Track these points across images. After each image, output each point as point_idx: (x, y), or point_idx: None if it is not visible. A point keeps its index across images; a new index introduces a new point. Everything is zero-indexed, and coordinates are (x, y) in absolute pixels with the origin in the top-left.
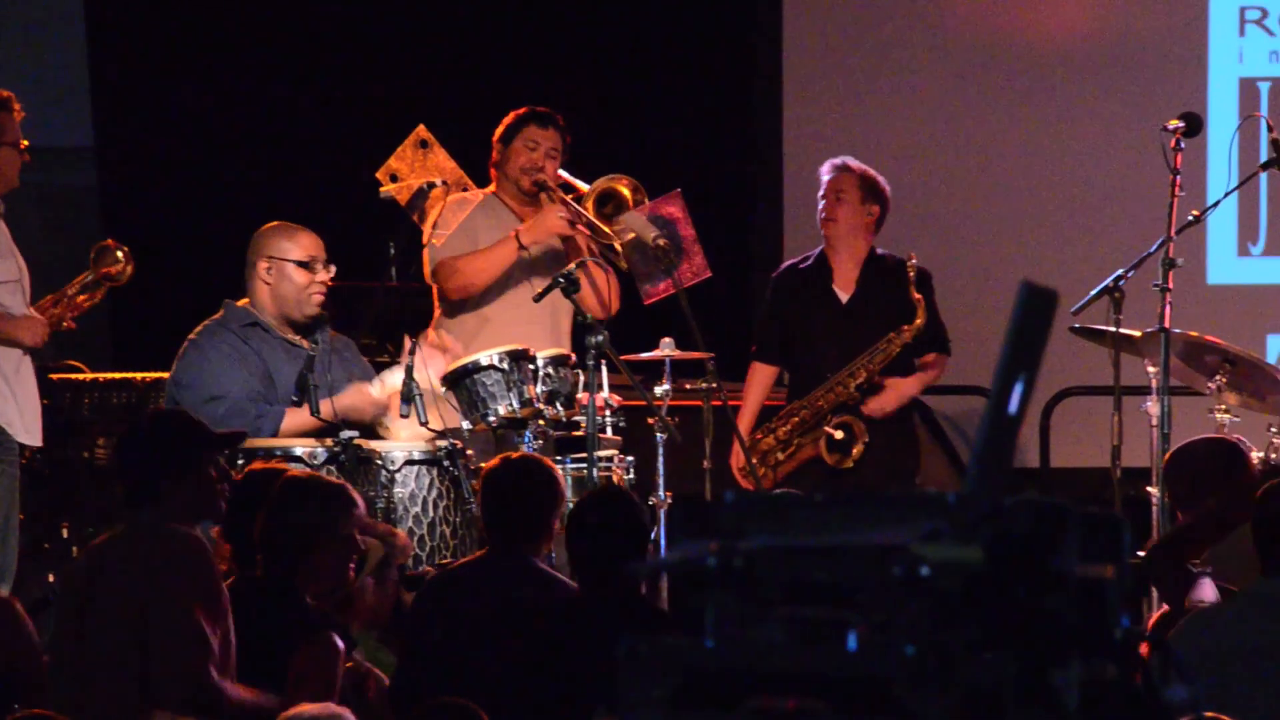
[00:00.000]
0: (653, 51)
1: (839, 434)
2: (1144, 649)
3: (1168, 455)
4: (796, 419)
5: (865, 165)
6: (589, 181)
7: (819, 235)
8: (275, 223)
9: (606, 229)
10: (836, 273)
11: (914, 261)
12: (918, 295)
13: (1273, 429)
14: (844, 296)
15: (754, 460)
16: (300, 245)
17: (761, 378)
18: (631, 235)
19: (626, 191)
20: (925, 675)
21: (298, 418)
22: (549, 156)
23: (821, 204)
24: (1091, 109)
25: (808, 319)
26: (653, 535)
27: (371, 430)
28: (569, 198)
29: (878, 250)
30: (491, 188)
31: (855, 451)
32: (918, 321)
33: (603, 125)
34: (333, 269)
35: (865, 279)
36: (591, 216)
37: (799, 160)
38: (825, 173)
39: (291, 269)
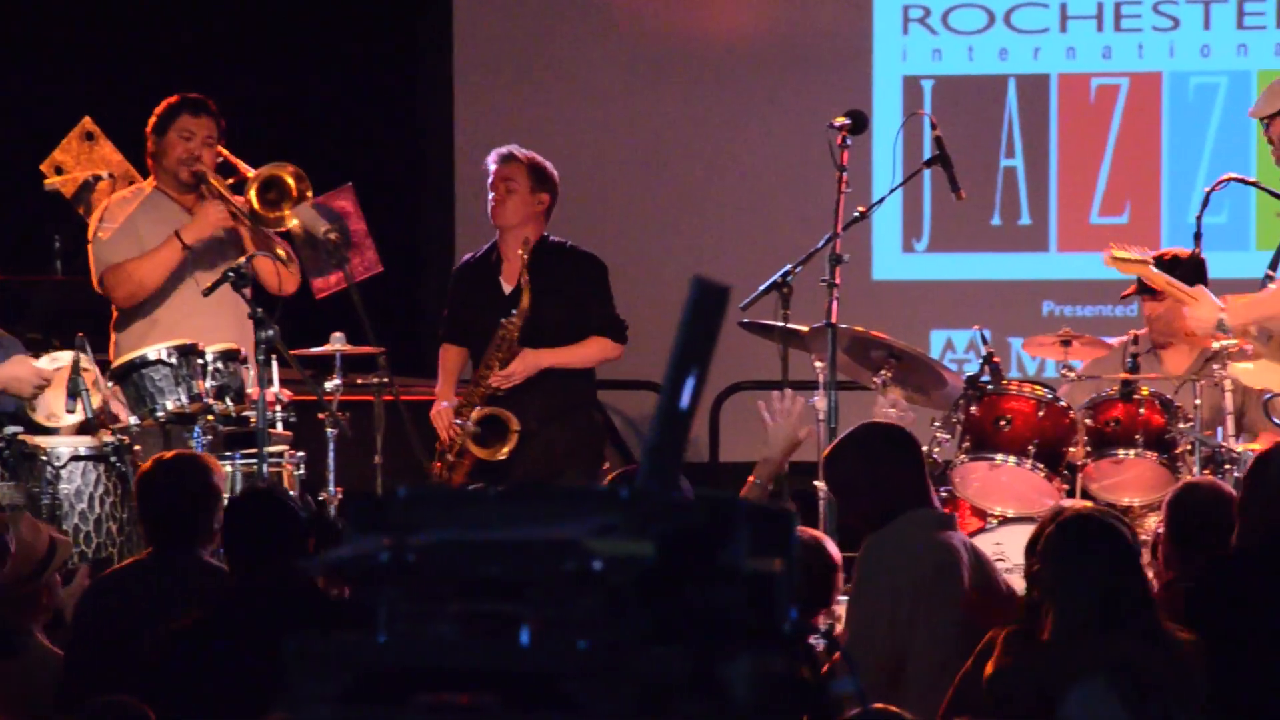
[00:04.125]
0: (321, 44)
1: (476, 429)
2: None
3: (830, 447)
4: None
5: (533, 153)
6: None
7: (492, 228)
8: None
9: (268, 218)
10: (505, 264)
11: (528, 244)
12: (526, 278)
13: (936, 423)
14: (508, 287)
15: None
16: None
17: (451, 356)
18: (300, 227)
19: (290, 180)
20: (597, 669)
21: None
22: (205, 145)
23: (491, 195)
24: (760, 105)
25: (476, 310)
26: (311, 530)
27: (35, 426)
28: (230, 181)
29: (551, 238)
30: (152, 180)
31: (510, 440)
32: (523, 305)
33: (272, 118)
34: None
35: (532, 269)
36: (255, 201)
37: (470, 156)
38: (492, 162)
39: None
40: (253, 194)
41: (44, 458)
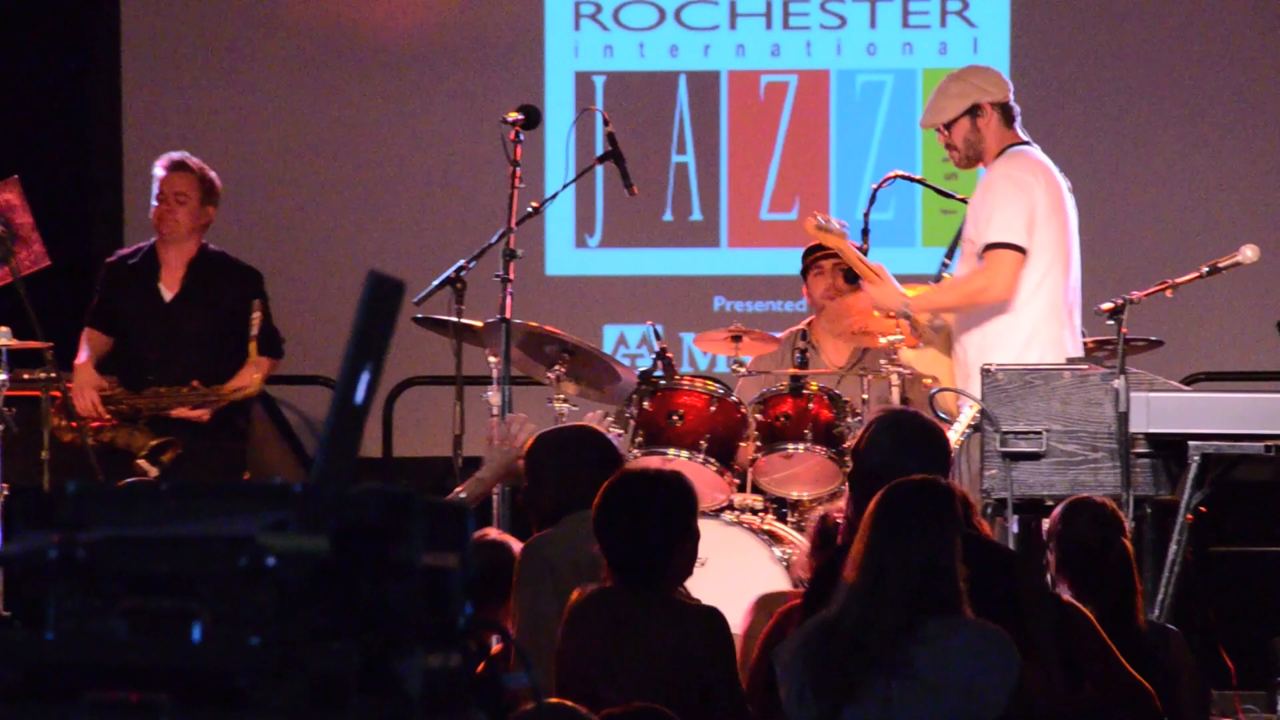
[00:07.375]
0: None
1: (146, 451)
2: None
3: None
4: (114, 408)
5: (202, 163)
6: None
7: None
8: None
9: None
10: (164, 271)
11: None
12: (252, 338)
13: (609, 418)
14: (169, 295)
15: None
16: None
17: (97, 339)
18: None
19: None
20: (269, 666)
21: None
22: None
23: (158, 204)
24: (432, 101)
25: (132, 315)
26: None
27: None
28: None
29: (210, 247)
30: None
31: (166, 458)
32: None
33: None
34: None
35: (192, 278)
36: None
37: (139, 150)
38: (162, 169)
39: None
40: None
41: None
